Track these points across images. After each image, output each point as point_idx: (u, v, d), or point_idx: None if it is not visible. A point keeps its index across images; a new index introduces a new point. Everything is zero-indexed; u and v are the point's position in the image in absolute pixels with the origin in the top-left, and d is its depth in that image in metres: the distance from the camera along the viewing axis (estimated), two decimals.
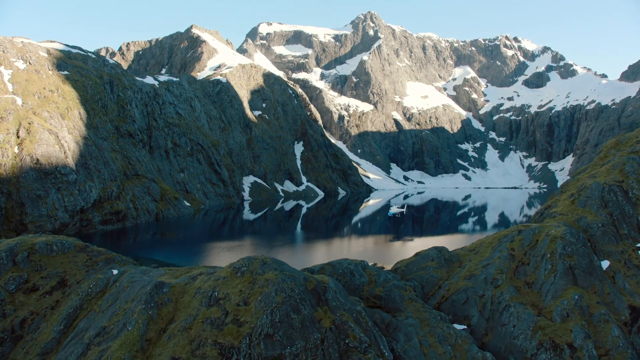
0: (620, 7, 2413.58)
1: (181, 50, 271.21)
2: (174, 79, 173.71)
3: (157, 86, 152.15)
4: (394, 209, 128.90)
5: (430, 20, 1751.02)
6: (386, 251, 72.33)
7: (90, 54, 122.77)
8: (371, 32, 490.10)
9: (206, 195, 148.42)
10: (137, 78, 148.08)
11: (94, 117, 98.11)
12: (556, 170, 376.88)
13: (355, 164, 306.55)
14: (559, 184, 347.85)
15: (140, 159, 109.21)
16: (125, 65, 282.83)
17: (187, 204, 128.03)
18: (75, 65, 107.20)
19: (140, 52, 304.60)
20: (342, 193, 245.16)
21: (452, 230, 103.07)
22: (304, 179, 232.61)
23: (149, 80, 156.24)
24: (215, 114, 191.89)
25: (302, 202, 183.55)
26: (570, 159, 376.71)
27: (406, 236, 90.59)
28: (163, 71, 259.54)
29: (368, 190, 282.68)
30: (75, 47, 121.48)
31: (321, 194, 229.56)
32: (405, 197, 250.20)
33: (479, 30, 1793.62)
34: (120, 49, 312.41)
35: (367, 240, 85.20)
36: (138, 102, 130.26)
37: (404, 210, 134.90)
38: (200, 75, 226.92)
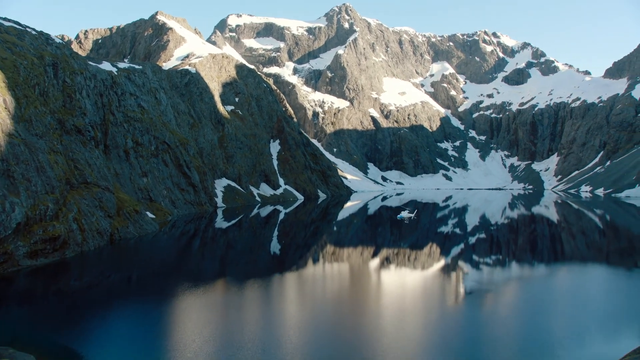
0: (601, 3, 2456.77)
1: (145, 38, 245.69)
2: (136, 67, 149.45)
3: (116, 73, 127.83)
4: (404, 214, 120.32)
5: (407, 14, 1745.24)
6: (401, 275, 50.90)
7: (29, 29, 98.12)
8: (346, 25, 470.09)
9: (174, 204, 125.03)
10: (91, 63, 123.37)
11: (27, 107, 74.05)
12: (541, 171, 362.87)
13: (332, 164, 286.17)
14: (545, 185, 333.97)
15: (90, 161, 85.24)
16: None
17: (151, 215, 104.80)
18: (5, 41, 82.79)
19: (100, 41, 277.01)
20: (322, 196, 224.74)
21: (454, 239, 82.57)
22: (281, 181, 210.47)
23: (106, 66, 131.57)
24: (183, 108, 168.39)
25: (279, 207, 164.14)
26: (555, 158, 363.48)
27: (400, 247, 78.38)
28: (125, 61, 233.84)
29: (348, 193, 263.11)
30: (8, 20, 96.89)
31: (300, 197, 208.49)
32: (384, 198, 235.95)
33: (457, 25, 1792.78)
34: (77, 37, 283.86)
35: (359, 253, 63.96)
36: (91, 91, 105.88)
37: (413, 215, 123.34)
38: (167, 65, 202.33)
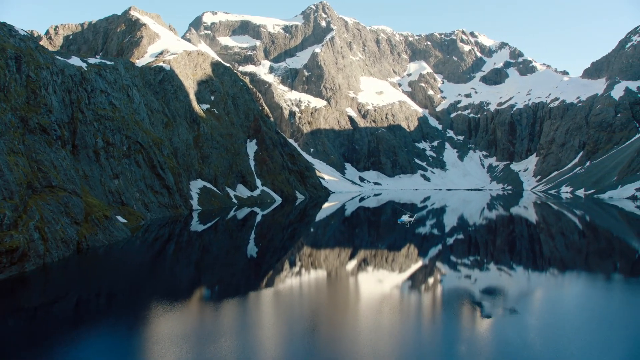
0: (579, 4, 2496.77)
1: (118, 34, 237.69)
2: (108, 63, 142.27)
3: (86, 69, 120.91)
4: (404, 218, 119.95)
5: (384, 13, 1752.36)
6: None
7: None
8: (323, 24, 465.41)
9: (147, 207, 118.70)
10: (59, 57, 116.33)
11: None
12: (520, 171, 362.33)
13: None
14: (524, 186, 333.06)
15: (56, 163, 78.77)
16: None
17: (123, 220, 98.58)
18: None
19: (71, 37, 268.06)
20: (300, 197, 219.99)
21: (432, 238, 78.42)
22: (258, 182, 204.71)
23: (75, 61, 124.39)
24: (157, 106, 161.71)
25: (257, 209, 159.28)
26: (534, 158, 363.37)
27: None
28: (97, 57, 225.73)
29: (327, 194, 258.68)
30: None
31: (278, 199, 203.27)
32: (362, 199, 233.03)
33: (435, 24, 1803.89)
34: (47, 32, 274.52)
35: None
36: (57, 87, 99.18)
37: (412, 220, 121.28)
38: (140, 62, 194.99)
